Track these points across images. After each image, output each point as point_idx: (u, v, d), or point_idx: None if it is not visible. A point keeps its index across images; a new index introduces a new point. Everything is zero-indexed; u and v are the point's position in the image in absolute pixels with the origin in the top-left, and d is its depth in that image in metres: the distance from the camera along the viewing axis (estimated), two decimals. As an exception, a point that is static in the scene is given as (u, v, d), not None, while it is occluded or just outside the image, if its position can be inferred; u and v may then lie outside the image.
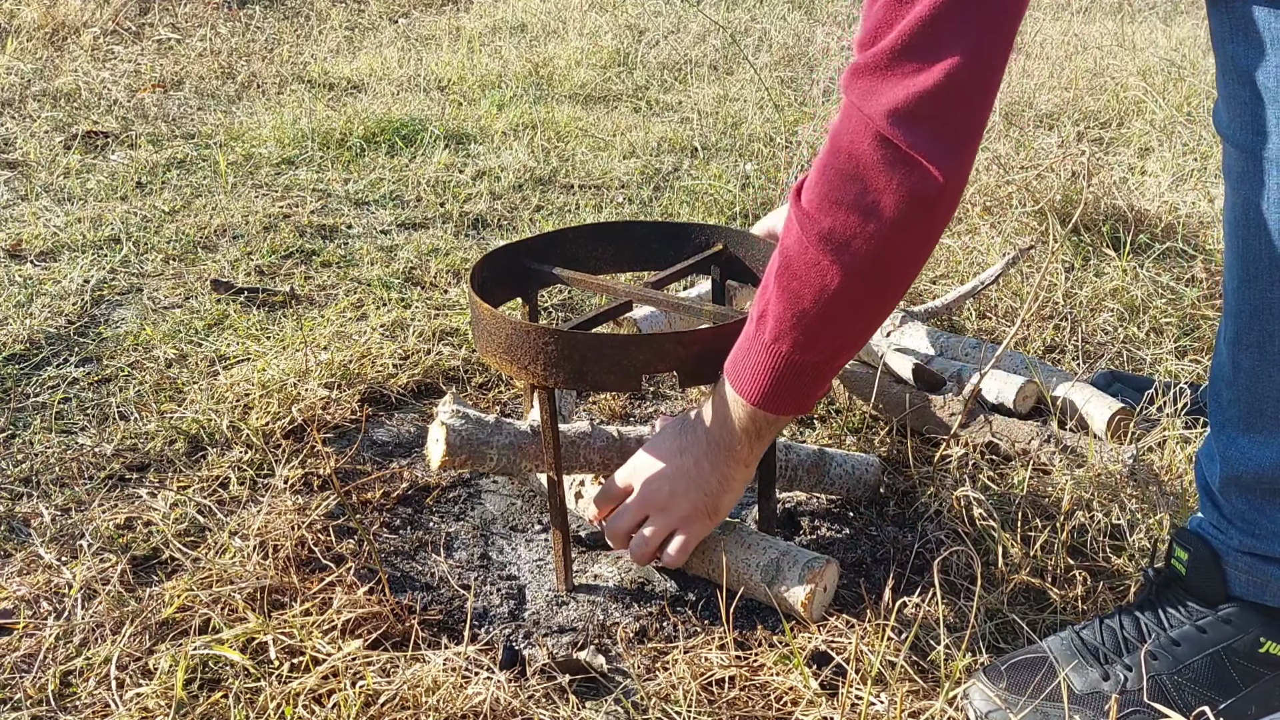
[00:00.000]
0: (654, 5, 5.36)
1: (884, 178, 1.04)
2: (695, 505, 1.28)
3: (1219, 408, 1.14)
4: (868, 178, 1.05)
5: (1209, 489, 1.17)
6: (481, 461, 1.37)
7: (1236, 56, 1.03)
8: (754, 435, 1.22)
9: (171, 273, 2.38)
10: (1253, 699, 1.15)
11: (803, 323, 1.13)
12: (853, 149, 1.05)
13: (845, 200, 1.06)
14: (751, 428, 1.22)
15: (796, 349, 1.15)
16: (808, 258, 1.10)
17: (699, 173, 3.06)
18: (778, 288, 1.14)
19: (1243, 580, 1.14)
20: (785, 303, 1.13)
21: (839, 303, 1.11)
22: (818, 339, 1.14)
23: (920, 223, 1.07)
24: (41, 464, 1.63)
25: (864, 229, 1.06)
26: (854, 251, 1.08)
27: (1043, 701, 1.12)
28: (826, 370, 1.18)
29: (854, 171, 1.05)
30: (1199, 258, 2.32)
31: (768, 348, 1.16)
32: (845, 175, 1.06)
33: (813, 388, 1.19)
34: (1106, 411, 1.68)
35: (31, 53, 4.23)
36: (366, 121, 3.38)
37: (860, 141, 1.05)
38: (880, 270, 1.10)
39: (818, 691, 1.18)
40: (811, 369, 1.17)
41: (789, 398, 1.19)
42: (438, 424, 1.35)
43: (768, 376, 1.17)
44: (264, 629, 1.25)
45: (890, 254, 1.09)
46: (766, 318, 1.15)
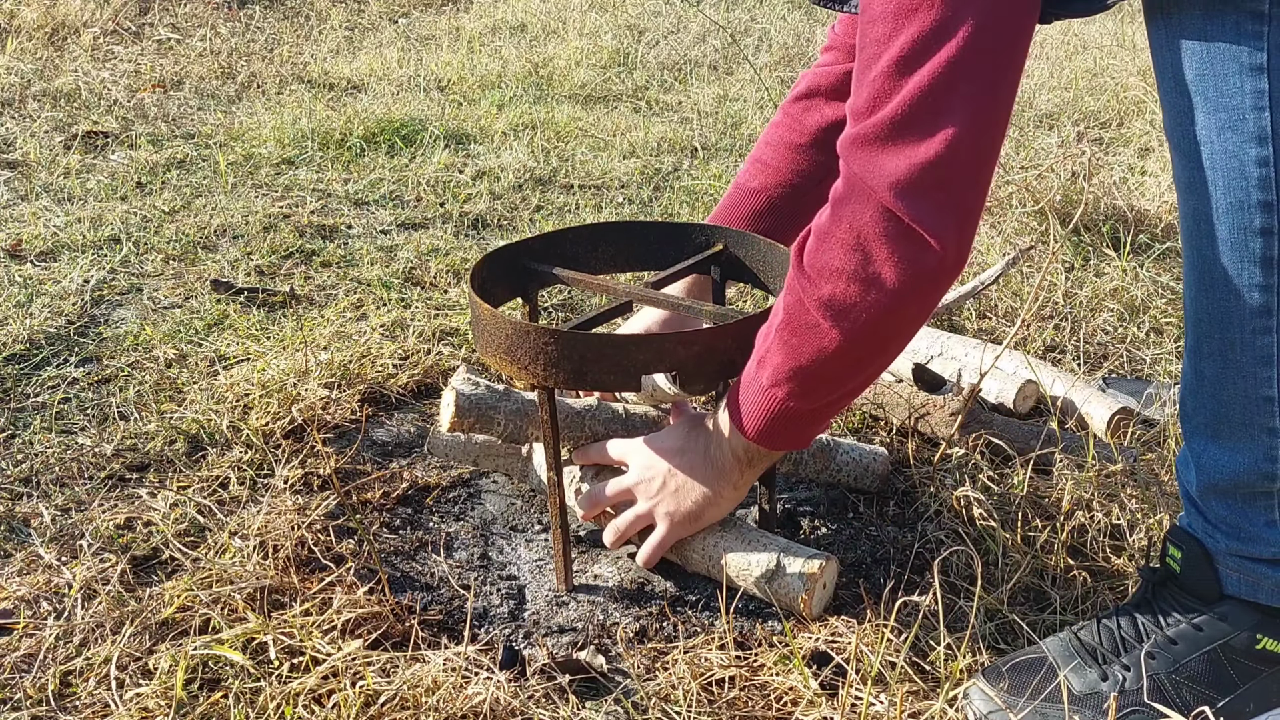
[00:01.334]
0: (654, 5, 5.36)
1: (886, 250, 1.06)
2: (679, 506, 1.31)
3: (1186, 416, 1.15)
4: (870, 249, 1.07)
5: (1190, 496, 1.17)
6: (489, 426, 1.46)
7: (1175, 65, 1.03)
8: (745, 463, 1.27)
9: (171, 273, 2.38)
10: (1251, 696, 1.15)
11: (800, 376, 1.16)
12: (855, 220, 1.07)
13: (846, 270, 1.09)
14: (744, 456, 1.26)
15: (792, 397, 1.18)
16: (808, 319, 1.13)
17: (699, 173, 3.06)
18: (778, 339, 1.17)
19: (1235, 579, 1.14)
20: (784, 355, 1.16)
21: (836, 363, 1.14)
22: (814, 392, 1.18)
23: (921, 294, 1.09)
24: (41, 464, 1.63)
25: (864, 298, 1.09)
26: (854, 319, 1.10)
27: (1042, 702, 1.12)
28: (821, 416, 1.22)
29: (856, 242, 1.07)
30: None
31: (765, 391, 1.19)
32: (847, 245, 1.08)
33: (807, 430, 1.23)
34: (1106, 412, 1.68)
35: (31, 53, 4.23)
36: (366, 121, 3.38)
37: (863, 213, 1.06)
38: (878, 337, 1.13)
39: (818, 691, 1.18)
40: (807, 415, 1.20)
41: (783, 437, 1.23)
42: (449, 389, 1.45)
43: (763, 417, 1.21)
44: (264, 629, 1.25)
45: (889, 322, 1.11)
46: (765, 364, 1.19)
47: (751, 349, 1.26)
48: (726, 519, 1.36)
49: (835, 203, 1.10)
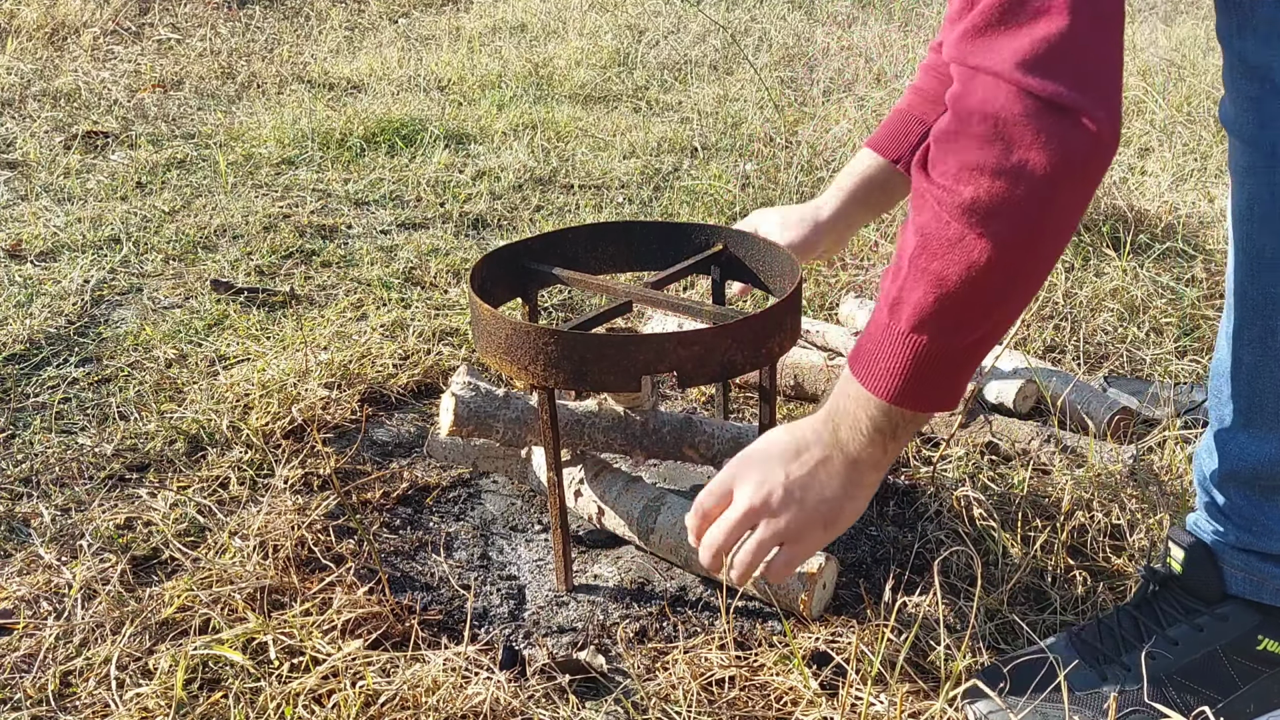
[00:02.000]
0: (654, 5, 5.36)
1: (1030, 133, 0.94)
2: (810, 515, 1.11)
3: (1218, 403, 1.14)
4: (1011, 136, 0.94)
5: (1207, 485, 1.17)
6: (488, 433, 1.45)
7: (1244, 52, 1.03)
8: (889, 435, 1.08)
9: (171, 273, 2.38)
10: (1251, 697, 1.15)
11: (947, 307, 1.00)
12: (987, 109, 0.95)
13: (987, 165, 0.96)
14: (887, 426, 1.07)
15: (940, 336, 1.02)
16: (949, 234, 0.98)
17: (699, 173, 3.06)
18: (914, 271, 1.01)
19: (1239, 578, 1.14)
20: (926, 286, 1.00)
21: (989, 280, 0.99)
22: (964, 323, 1.02)
23: (1075, 178, 0.96)
24: (41, 464, 1.63)
25: (1013, 193, 0.95)
26: (1004, 220, 0.96)
27: (1042, 702, 1.12)
28: (972, 357, 1.05)
29: (993, 133, 0.95)
30: (1199, 258, 2.32)
31: (905, 337, 1.02)
32: (983, 139, 0.96)
33: (957, 379, 1.06)
34: (1107, 412, 1.68)
35: (31, 53, 4.23)
36: (366, 121, 3.38)
37: (994, 100, 0.95)
38: (1035, 237, 0.98)
39: (818, 691, 1.18)
40: (957, 356, 1.04)
41: (931, 391, 1.05)
42: (448, 394, 1.44)
43: (906, 372, 1.03)
44: (264, 629, 1.25)
45: (1045, 217, 0.97)
46: (902, 305, 1.02)
47: (750, 349, 1.26)
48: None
49: (957, 101, 0.98)
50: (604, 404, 1.49)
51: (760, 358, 1.28)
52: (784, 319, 1.30)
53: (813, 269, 2.34)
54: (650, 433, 1.47)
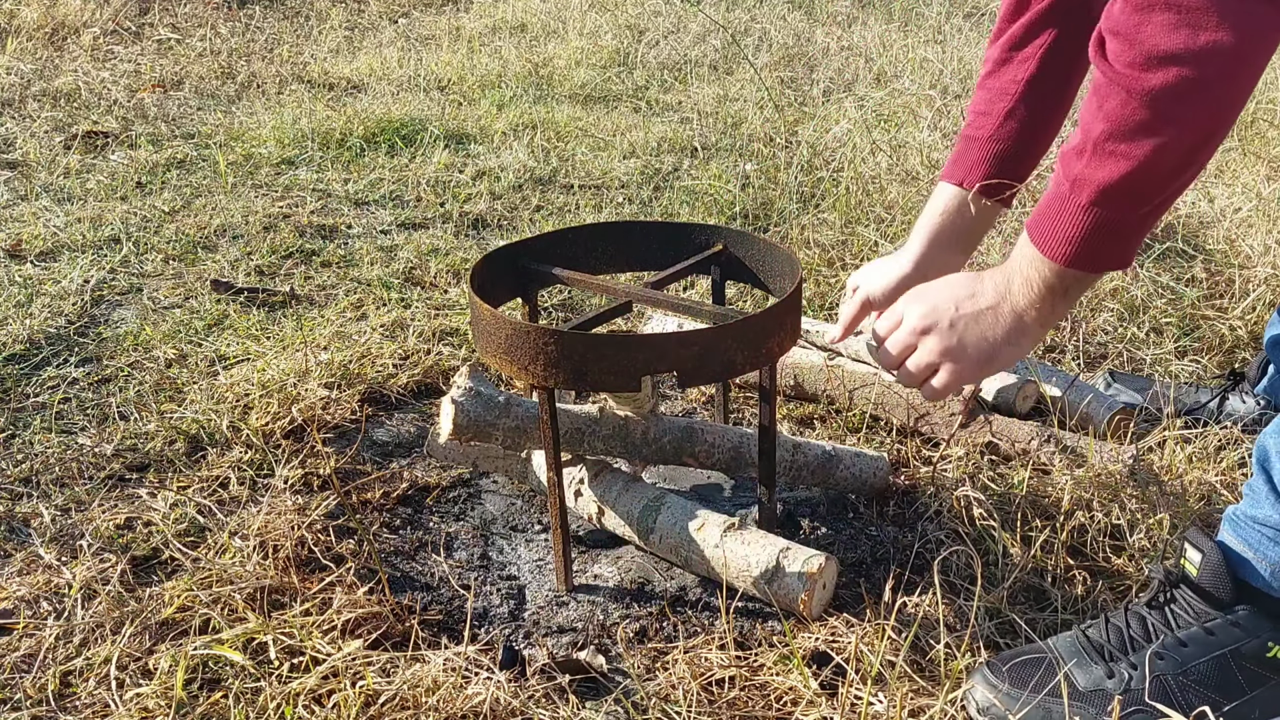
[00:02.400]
0: (654, 5, 5.36)
1: (1216, 15, 0.96)
2: (972, 350, 1.21)
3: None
4: (1198, 19, 0.96)
5: (1268, 463, 1.14)
6: (488, 439, 1.44)
7: None
8: (1060, 293, 1.15)
9: (171, 273, 2.38)
10: (1258, 703, 1.15)
11: (1131, 184, 1.06)
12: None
13: (1175, 50, 0.98)
14: (1059, 285, 1.15)
15: (1120, 208, 1.08)
16: (1138, 119, 1.02)
17: (699, 173, 3.06)
18: (1100, 152, 1.06)
19: (1267, 574, 1.13)
20: (1112, 166, 1.06)
21: (1174, 158, 1.04)
22: (1145, 197, 1.08)
23: (1263, 51, 0.99)
24: (41, 464, 1.63)
25: (1202, 76, 0.98)
26: (1193, 103, 1.00)
27: (1045, 698, 1.12)
28: (1146, 224, 1.11)
29: (1177, 20, 0.97)
30: (1199, 258, 2.32)
31: (1085, 210, 1.09)
32: (1166, 26, 0.98)
33: (1131, 243, 1.12)
34: (1106, 411, 1.68)
35: (31, 53, 4.23)
36: (366, 121, 3.38)
37: None
38: (1221, 115, 1.03)
39: (818, 691, 1.18)
40: (1132, 224, 1.10)
41: (1106, 256, 1.12)
42: (448, 400, 1.43)
43: (1084, 237, 1.10)
44: (264, 629, 1.25)
45: (1232, 94, 1.01)
46: (1085, 183, 1.08)
47: (750, 349, 1.26)
48: (728, 521, 1.36)
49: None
50: (604, 406, 1.49)
51: (760, 358, 1.28)
52: (784, 319, 1.30)
53: (812, 269, 2.34)
54: (650, 441, 1.47)
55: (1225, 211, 2.48)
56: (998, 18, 1.57)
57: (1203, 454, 1.61)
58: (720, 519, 1.36)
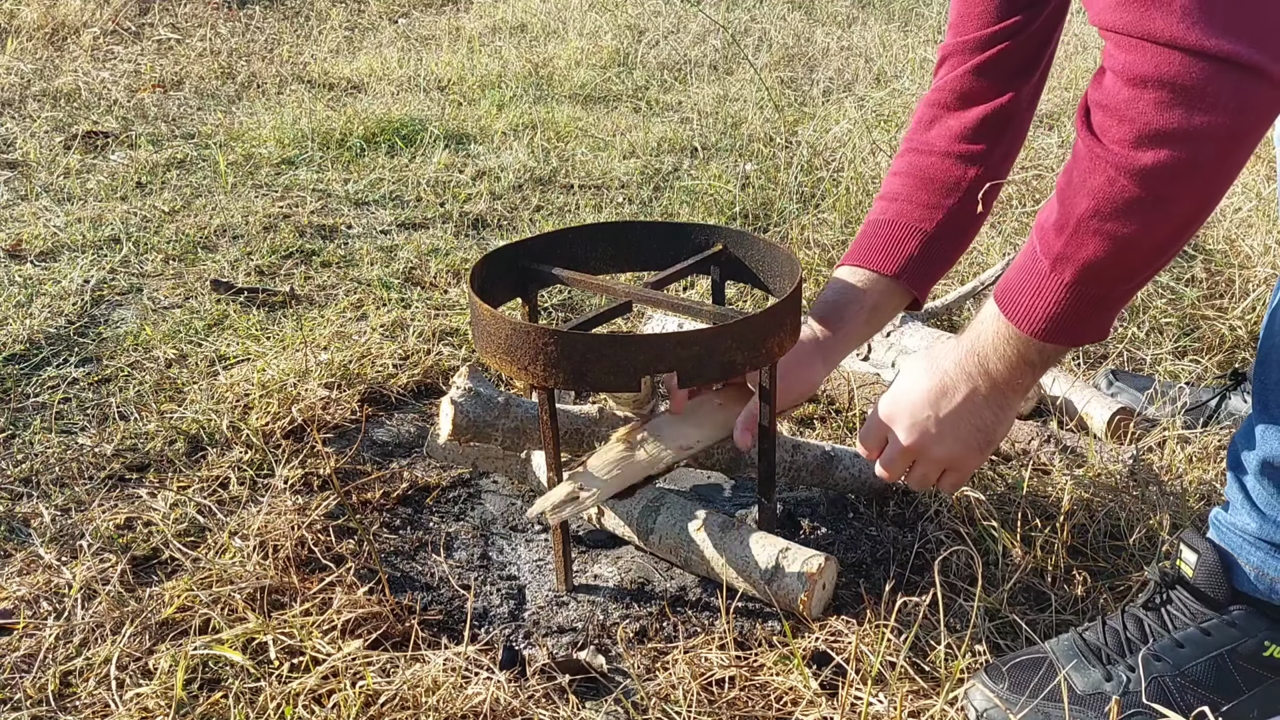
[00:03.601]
0: (654, 5, 5.36)
1: (1211, 96, 0.93)
2: (968, 444, 1.21)
3: (1264, 388, 1.12)
4: (1193, 100, 0.93)
5: (1240, 471, 1.15)
6: (487, 439, 1.45)
7: None
8: (1037, 365, 1.15)
9: (171, 273, 2.38)
10: (1255, 702, 1.15)
11: (1117, 262, 1.04)
12: (1162, 75, 0.94)
13: (1170, 129, 0.95)
14: (1037, 359, 1.14)
15: (1103, 286, 1.07)
16: (1127, 197, 0.99)
17: (699, 173, 3.06)
18: (1084, 230, 1.03)
19: (1252, 576, 1.14)
20: (1097, 244, 1.03)
21: (1163, 235, 1.02)
22: (1131, 275, 1.07)
23: (1257, 130, 0.96)
24: (41, 464, 1.63)
25: (1197, 155, 0.96)
26: (1186, 181, 0.98)
27: (1044, 701, 1.12)
28: (1127, 297, 1.12)
29: (1170, 98, 0.94)
30: (1199, 258, 2.32)
31: (1066, 290, 1.07)
32: (1160, 104, 0.95)
33: (1110, 315, 1.11)
34: (1106, 412, 1.68)
35: (31, 53, 4.23)
36: (366, 121, 3.38)
37: (1168, 65, 0.93)
38: (1213, 192, 1.01)
39: (818, 691, 1.18)
40: (1114, 300, 1.09)
41: (1086, 330, 1.11)
42: (448, 401, 1.43)
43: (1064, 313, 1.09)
44: (264, 629, 1.25)
45: (1225, 172, 0.99)
46: (1068, 261, 1.06)
47: (750, 349, 1.26)
48: (726, 521, 1.36)
49: (1126, 69, 0.97)
50: (604, 406, 1.49)
51: (760, 358, 1.28)
52: (784, 319, 1.30)
53: (812, 268, 2.34)
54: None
55: (1225, 211, 2.48)
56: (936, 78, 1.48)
57: (1203, 454, 1.61)
58: (720, 519, 1.36)
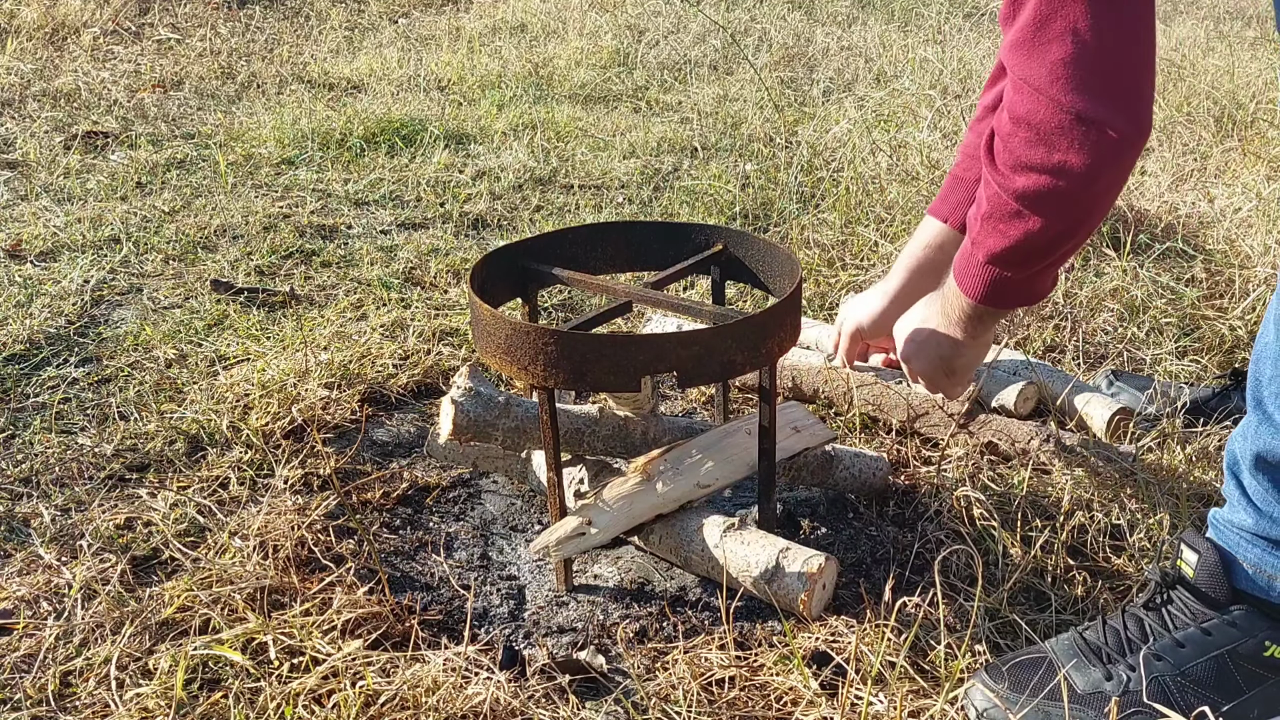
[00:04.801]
0: (654, 5, 5.36)
1: (1065, 141, 1.12)
2: (933, 364, 1.46)
3: (1259, 384, 1.13)
4: (1052, 142, 1.13)
5: (1237, 468, 1.16)
6: (487, 439, 1.45)
7: None
8: (976, 320, 1.36)
9: (171, 273, 2.38)
10: (1256, 702, 1.15)
11: (1012, 255, 1.24)
12: (1031, 118, 1.14)
13: (1034, 163, 1.15)
14: (974, 315, 1.36)
15: (1008, 269, 1.26)
16: (1009, 209, 1.20)
17: (699, 173, 3.06)
18: (985, 226, 1.25)
19: (1250, 573, 1.14)
20: (994, 239, 1.24)
21: (1043, 239, 1.21)
22: (1027, 264, 1.25)
23: (1109, 173, 1.15)
24: (41, 464, 1.63)
25: (1057, 185, 1.15)
26: (1051, 204, 1.17)
27: (1044, 700, 1.12)
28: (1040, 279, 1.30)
29: (1036, 139, 1.14)
30: (1199, 258, 2.32)
31: (982, 266, 1.28)
32: (1029, 141, 1.15)
33: (1030, 290, 1.30)
34: (1106, 412, 1.68)
35: (31, 53, 4.23)
36: (366, 121, 3.38)
37: (1036, 110, 1.13)
38: (1078, 214, 1.19)
39: (818, 691, 1.18)
40: (1024, 281, 1.28)
41: (1009, 300, 1.32)
42: (448, 400, 1.42)
43: (984, 288, 1.30)
44: (264, 629, 1.25)
45: (1086, 200, 1.17)
46: (980, 246, 1.27)
47: (750, 349, 1.26)
48: (726, 520, 1.36)
49: (1011, 107, 1.16)
50: (604, 406, 1.49)
51: (760, 358, 1.28)
52: (784, 319, 1.30)
53: (812, 268, 2.34)
54: (650, 441, 1.47)
55: (1225, 211, 2.48)
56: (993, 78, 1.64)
57: (1203, 454, 1.61)
58: (720, 519, 1.36)
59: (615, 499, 1.34)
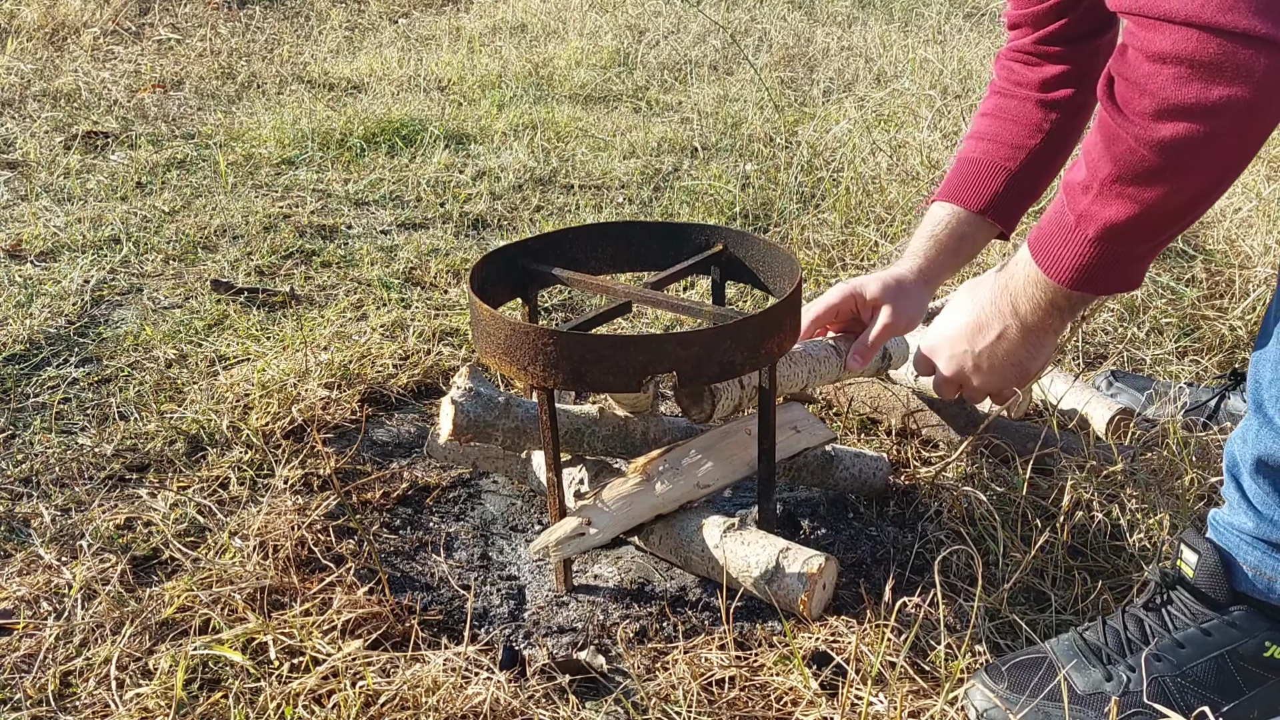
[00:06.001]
0: (654, 5, 5.36)
1: (1229, 70, 0.96)
2: (1004, 376, 1.32)
3: (1259, 387, 1.12)
4: (1211, 75, 0.97)
5: (1237, 471, 1.15)
6: (487, 439, 1.45)
7: None
8: (1066, 309, 1.22)
9: (171, 273, 2.38)
10: (1256, 702, 1.15)
11: (1137, 224, 1.09)
12: (1181, 52, 0.97)
13: (1187, 103, 0.99)
14: (1065, 304, 1.21)
15: (1124, 244, 1.11)
16: (1147, 166, 1.04)
17: (699, 173, 3.06)
18: (1107, 193, 1.08)
19: (1250, 575, 1.14)
20: (1119, 207, 1.08)
21: (1181, 202, 1.06)
22: (1150, 236, 1.11)
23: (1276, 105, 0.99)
24: (41, 464, 1.63)
25: (1217, 126, 0.99)
26: (1204, 152, 1.01)
27: (1044, 701, 1.12)
28: (1150, 255, 1.16)
29: (1189, 74, 0.98)
30: (1199, 258, 2.32)
31: (1090, 243, 1.12)
32: (1179, 79, 0.98)
33: (1135, 271, 1.16)
34: (1107, 412, 1.68)
35: (31, 53, 4.23)
36: (366, 122, 3.38)
37: (1185, 43, 0.97)
38: (1231, 164, 1.05)
39: (818, 691, 1.18)
40: (1136, 257, 1.14)
41: (1110, 282, 1.16)
42: (448, 400, 1.42)
43: (1089, 266, 1.14)
44: (264, 629, 1.25)
45: (1242, 146, 1.02)
46: (1091, 219, 1.11)
47: (749, 350, 1.26)
48: (726, 520, 1.36)
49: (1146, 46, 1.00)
50: (604, 407, 1.49)
51: (760, 358, 1.28)
52: (783, 319, 1.30)
53: (812, 269, 2.34)
54: (650, 441, 1.47)
55: (1225, 211, 2.48)
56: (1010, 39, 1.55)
57: (1203, 454, 1.61)
58: (720, 519, 1.36)
59: (615, 499, 1.34)
